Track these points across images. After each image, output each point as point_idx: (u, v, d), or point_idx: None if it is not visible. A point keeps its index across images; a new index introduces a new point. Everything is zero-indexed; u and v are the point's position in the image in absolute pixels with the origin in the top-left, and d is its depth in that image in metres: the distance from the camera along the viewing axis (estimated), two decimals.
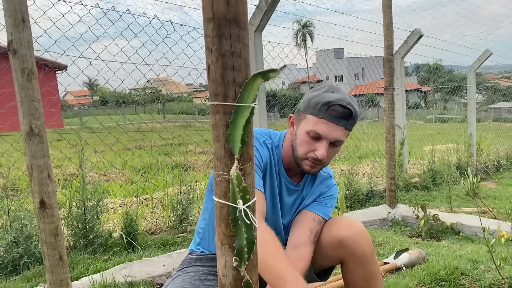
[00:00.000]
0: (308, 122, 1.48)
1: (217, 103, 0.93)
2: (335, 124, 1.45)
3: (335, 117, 1.44)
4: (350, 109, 1.45)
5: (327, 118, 1.44)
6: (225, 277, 0.97)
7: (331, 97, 1.46)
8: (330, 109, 1.44)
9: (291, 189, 1.62)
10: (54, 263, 2.19)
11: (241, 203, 0.94)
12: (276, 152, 1.60)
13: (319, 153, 1.45)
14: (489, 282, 2.38)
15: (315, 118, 1.46)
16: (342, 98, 1.46)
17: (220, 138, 0.95)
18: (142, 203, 4.13)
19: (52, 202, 2.15)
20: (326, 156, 1.48)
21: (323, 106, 1.45)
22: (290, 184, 1.61)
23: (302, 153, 1.50)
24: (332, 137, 1.46)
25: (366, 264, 1.56)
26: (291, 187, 1.62)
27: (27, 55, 2.06)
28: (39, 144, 2.10)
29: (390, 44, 3.99)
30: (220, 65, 0.91)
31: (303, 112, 1.52)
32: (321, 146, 1.46)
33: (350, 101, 1.47)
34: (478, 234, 3.62)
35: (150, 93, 24.38)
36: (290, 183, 1.61)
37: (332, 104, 1.44)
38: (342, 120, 1.45)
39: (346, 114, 1.45)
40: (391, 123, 4.08)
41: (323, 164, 1.52)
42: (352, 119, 1.47)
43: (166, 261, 2.77)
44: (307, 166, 1.51)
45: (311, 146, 1.48)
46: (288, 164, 1.59)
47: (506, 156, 7.55)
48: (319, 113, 1.45)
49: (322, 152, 1.45)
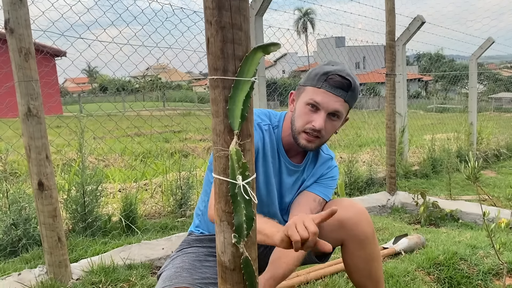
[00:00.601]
0: (307, 93, 1.47)
1: (217, 77, 0.91)
2: (333, 94, 1.43)
3: (333, 86, 1.43)
4: (349, 80, 1.43)
5: (326, 87, 1.43)
6: (224, 254, 0.96)
7: (330, 68, 1.45)
8: (329, 79, 1.43)
9: (291, 169, 1.61)
10: (53, 244, 2.20)
11: (240, 179, 0.93)
12: (275, 132, 1.58)
13: (316, 123, 1.43)
14: (487, 267, 2.39)
15: (314, 89, 1.45)
16: (341, 69, 1.45)
17: (219, 113, 0.93)
18: (142, 188, 4.13)
19: (50, 184, 2.14)
20: (324, 129, 1.45)
21: (322, 76, 1.44)
22: (290, 164, 1.60)
23: (299, 126, 1.47)
24: (330, 107, 1.44)
25: (366, 245, 1.55)
26: (291, 167, 1.60)
27: (24, 35, 2.03)
28: (37, 125, 2.08)
29: (392, 29, 3.94)
30: (220, 38, 0.89)
31: (303, 86, 1.51)
32: (318, 117, 1.44)
33: (350, 73, 1.45)
34: (477, 221, 3.62)
35: (150, 81, 24.27)
36: (290, 164, 1.59)
37: (331, 73, 1.43)
38: (340, 90, 1.43)
39: (345, 85, 1.43)
40: (392, 110, 4.06)
41: (321, 139, 1.49)
42: (352, 91, 1.45)
43: (165, 244, 2.77)
44: (303, 140, 1.48)
45: (309, 117, 1.46)
46: (288, 145, 1.57)
47: (506, 145, 7.54)
48: (317, 83, 1.44)
49: (320, 122, 1.43)
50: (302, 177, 1.65)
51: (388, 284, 2.24)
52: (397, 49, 4.99)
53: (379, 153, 6.21)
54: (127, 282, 2.32)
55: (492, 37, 6.54)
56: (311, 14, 52.23)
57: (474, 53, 6.80)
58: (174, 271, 1.49)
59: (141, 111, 8.82)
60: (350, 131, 8.31)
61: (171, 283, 1.40)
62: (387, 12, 3.95)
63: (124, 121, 5.43)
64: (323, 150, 1.67)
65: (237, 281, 0.95)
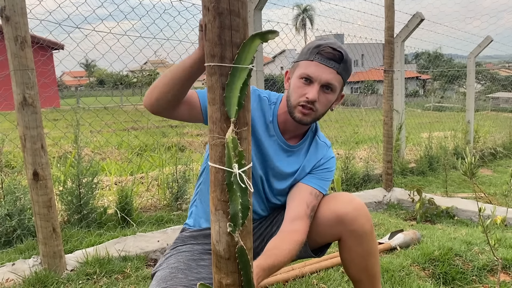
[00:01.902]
0: (300, 67, 1.48)
1: (214, 64, 0.90)
2: (325, 66, 1.44)
3: (325, 58, 1.45)
4: (341, 51, 1.45)
5: (318, 59, 1.45)
6: (219, 243, 0.95)
7: (322, 42, 1.48)
8: (321, 51, 1.45)
9: (284, 148, 1.58)
10: (47, 235, 2.18)
11: (236, 168, 0.92)
12: (272, 108, 1.58)
13: (310, 95, 1.44)
14: (482, 263, 2.39)
15: (307, 62, 1.47)
16: (333, 42, 1.47)
17: (216, 100, 0.92)
18: (138, 181, 4.11)
19: (46, 174, 2.13)
20: (318, 101, 1.46)
21: (314, 49, 1.46)
22: (284, 143, 1.57)
23: (294, 100, 1.48)
24: (323, 79, 1.44)
25: (364, 241, 1.53)
26: (285, 147, 1.58)
27: (20, 23, 2.01)
28: (33, 115, 2.07)
29: (391, 25, 3.94)
30: (218, 24, 0.88)
31: (297, 62, 1.53)
32: (312, 89, 1.45)
33: (341, 46, 1.48)
34: (473, 218, 3.63)
35: (148, 75, 24.18)
36: (284, 143, 1.57)
37: (322, 46, 1.45)
38: (332, 61, 1.45)
39: (337, 56, 1.45)
40: (389, 106, 4.06)
41: (316, 112, 1.48)
42: (344, 62, 1.46)
43: (160, 237, 2.76)
44: (299, 113, 1.48)
45: (303, 90, 1.46)
46: (284, 124, 1.55)
47: (502, 144, 7.56)
48: (310, 56, 1.46)
49: (313, 93, 1.44)
50: (299, 159, 1.61)
51: (383, 278, 2.24)
52: (395, 46, 4.99)
53: (376, 150, 6.22)
54: (122, 274, 2.31)
55: (491, 36, 6.54)
56: (310, 11, 52.16)
57: (473, 51, 6.81)
58: (169, 271, 1.45)
59: (138, 104, 8.79)
60: (348, 128, 8.32)
61: (166, 285, 1.36)
62: (386, 8, 3.94)
63: (121, 114, 5.41)
64: (319, 137, 1.65)
65: (231, 270, 0.95)
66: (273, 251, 1.38)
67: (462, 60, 17.55)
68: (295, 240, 1.43)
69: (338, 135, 7.49)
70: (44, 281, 2.12)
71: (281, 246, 1.41)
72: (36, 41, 3.16)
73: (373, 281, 1.64)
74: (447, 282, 2.30)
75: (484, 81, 26.53)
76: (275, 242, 1.43)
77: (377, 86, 23.81)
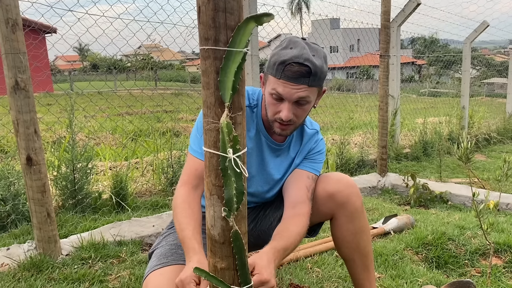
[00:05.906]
0: (270, 83, 1.41)
1: (208, 47, 0.89)
2: (293, 84, 1.36)
3: (292, 77, 1.35)
4: (308, 66, 1.33)
5: (285, 78, 1.35)
6: (214, 228, 0.95)
7: (286, 55, 1.35)
8: (286, 69, 1.34)
9: (273, 148, 1.59)
10: (42, 220, 2.18)
11: (231, 153, 0.91)
12: (255, 111, 1.55)
13: (283, 115, 1.39)
14: (475, 247, 2.42)
15: (274, 79, 1.38)
16: (298, 55, 1.34)
17: (210, 85, 0.91)
18: (132, 166, 4.10)
19: (39, 159, 2.11)
20: (294, 116, 1.41)
21: (280, 66, 1.36)
22: (272, 143, 1.58)
23: (270, 115, 1.45)
24: (294, 98, 1.37)
25: (356, 218, 1.56)
26: (274, 146, 1.59)
27: (11, 5, 1.98)
28: (25, 99, 2.04)
29: (387, 9, 3.90)
30: (212, 7, 0.86)
31: (266, 73, 1.45)
32: (284, 107, 1.39)
33: (309, 57, 1.34)
34: (466, 203, 3.66)
35: (142, 60, 23.97)
36: (272, 143, 1.58)
37: (287, 63, 1.34)
38: (301, 78, 1.35)
39: (304, 72, 1.34)
40: (385, 91, 4.05)
41: (294, 124, 1.46)
42: (314, 75, 1.36)
43: (155, 221, 2.77)
44: (277, 129, 1.45)
45: (276, 107, 1.41)
46: (268, 121, 1.53)
47: (497, 129, 7.59)
48: (276, 73, 1.37)
49: (286, 114, 1.38)
50: (289, 155, 1.63)
51: (377, 262, 2.26)
52: (391, 30, 4.96)
53: (371, 136, 6.23)
54: (117, 258, 2.32)
55: (487, 21, 6.52)
56: None
57: (468, 37, 6.78)
58: (169, 248, 1.47)
59: (132, 89, 8.73)
60: (343, 113, 8.31)
61: (167, 260, 1.38)
62: None
63: (115, 99, 5.36)
64: (307, 125, 1.65)
65: (226, 255, 0.95)
66: (283, 234, 1.40)
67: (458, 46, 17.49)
68: (301, 223, 1.46)
69: (333, 121, 7.50)
70: (39, 266, 2.13)
71: (290, 228, 1.43)
72: (27, 24, 3.12)
73: (365, 261, 1.66)
74: (440, 266, 2.33)
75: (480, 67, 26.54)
76: (283, 227, 1.45)
77: (373, 72, 23.74)
